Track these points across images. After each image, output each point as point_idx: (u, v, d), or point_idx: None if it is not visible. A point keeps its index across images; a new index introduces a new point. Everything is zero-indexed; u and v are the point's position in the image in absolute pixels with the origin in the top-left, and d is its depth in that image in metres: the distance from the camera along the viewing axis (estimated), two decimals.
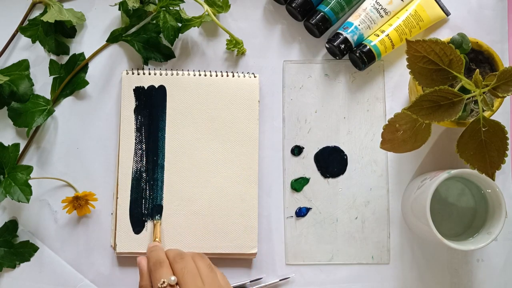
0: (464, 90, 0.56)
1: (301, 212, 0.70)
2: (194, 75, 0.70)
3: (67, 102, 0.71)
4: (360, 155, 0.71)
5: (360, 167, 0.71)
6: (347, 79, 0.72)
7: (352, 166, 0.71)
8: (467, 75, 0.63)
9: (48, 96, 0.70)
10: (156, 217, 0.67)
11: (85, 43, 0.71)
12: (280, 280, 0.69)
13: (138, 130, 0.69)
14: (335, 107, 0.72)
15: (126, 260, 0.68)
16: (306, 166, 0.71)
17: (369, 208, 0.70)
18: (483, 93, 0.56)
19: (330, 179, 0.71)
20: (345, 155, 0.71)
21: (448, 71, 0.55)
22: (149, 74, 0.70)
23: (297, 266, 0.69)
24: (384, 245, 0.70)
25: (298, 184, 0.70)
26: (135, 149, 0.68)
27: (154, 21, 0.70)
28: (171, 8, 0.68)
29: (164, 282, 0.56)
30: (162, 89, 0.69)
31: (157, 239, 0.66)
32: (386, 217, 0.70)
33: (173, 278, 0.57)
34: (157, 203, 0.67)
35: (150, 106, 0.69)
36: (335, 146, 0.71)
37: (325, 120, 0.71)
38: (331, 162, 0.71)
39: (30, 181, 0.64)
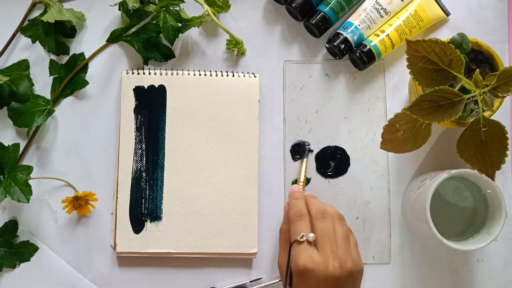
0: (464, 90, 0.56)
1: None
2: (194, 75, 0.70)
3: (67, 102, 0.71)
4: (361, 154, 0.71)
5: (361, 167, 0.71)
6: (348, 79, 0.72)
7: (353, 166, 0.71)
8: (467, 75, 0.63)
9: (48, 96, 0.70)
10: (306, 153, 0.69)
11: (85, 43, 0.71)
12: (280, 280, 0.69)
13: (138, 129, 0.69)
14: (335, 107, 0.72)
15: (126, 260, 0.68)
16: (307, 166, 0.70)
17: (369, 208, 0.70)
18: (483, 93, 0.56)
19: (331, 179, 0.71)
20: (347, 155, 0.71)
21: (448, 71, 0.55)
22: (149, 74, 0.70)
23: None
24: (385, 245, 0.70)
25: None
26: (135, 149, 0.68)
27: (154, 21, 0.70)
28: (171, 8, 0.68)
29: (303, 236, 0.59)
30: (162, 89, 0.70)
31: (301, 183, 0.69)
32: (387, 217, 0.70)
33: (311, 235, 0.58)
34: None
35: (150, 106, 0.69)
36: (336, 146, 0.71)
37: (326, 120, 0.71)
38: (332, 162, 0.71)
39: (30, 181, 0.64)
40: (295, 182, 0.70)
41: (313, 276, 0.56)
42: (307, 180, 0.70)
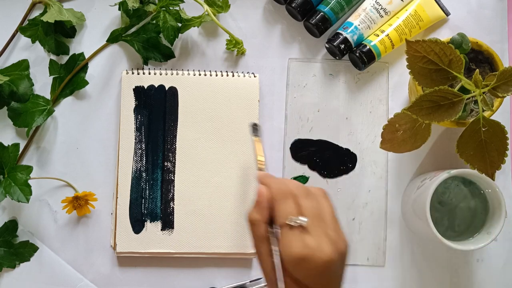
0: (464, 90, 0.56)
1: None
2: (194, 75, 0.70)
3: (67, 102, 0.71)
4: (360, 156, 0.71)
5: (360, 169, 0.71)
6: (351, 80, 0.72)
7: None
8: (467, 75, 0.63)
9: (48, 96, 0.70)
10: (255, 130, 0.63)
11: (85, 43, 0.71)
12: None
13: (138, 129, 0.69)
14: (337, 107, 0.71)
15: (126, 260, 0.68)
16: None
17: (367, 209, 0.70)
18: (483, 93, 0.56)
19: (329, 179, 0.70)
20: (353, 154, 0.71)
21: (448, 71, 0.55)
22: (149, 74, 0.70)
23: None
24: (380, 247, 0.70)
25: None
26: (135, 149, 0.68)
27: (154, 21, 0.70)
28: (171, 8, 0.68)
29: (291, 219, 0.50)
30: (161, 89, 0.69)
31: (260, 157, 0.58)
32: (384, 219, 0.70)
33: (305, 219, 0.50)
34: None
35: (150, 106, 0.69)
36: (337, 146, 0.71)
37: (328, 119, 0.71)
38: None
39: (30, 181, 0.64)
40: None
41: (310, 263, 0.50)
42: (305, 179, 0.70)
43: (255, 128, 0.63)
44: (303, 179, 0.70)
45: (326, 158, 0.71)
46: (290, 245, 0.50)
